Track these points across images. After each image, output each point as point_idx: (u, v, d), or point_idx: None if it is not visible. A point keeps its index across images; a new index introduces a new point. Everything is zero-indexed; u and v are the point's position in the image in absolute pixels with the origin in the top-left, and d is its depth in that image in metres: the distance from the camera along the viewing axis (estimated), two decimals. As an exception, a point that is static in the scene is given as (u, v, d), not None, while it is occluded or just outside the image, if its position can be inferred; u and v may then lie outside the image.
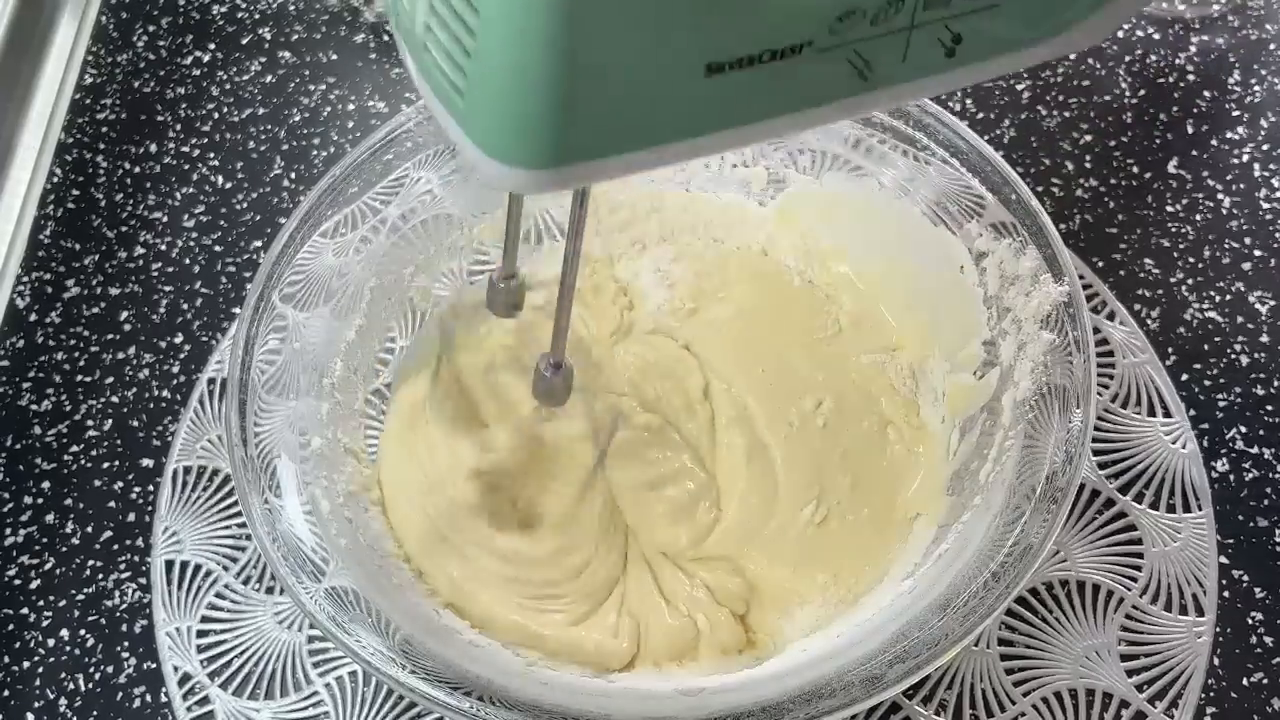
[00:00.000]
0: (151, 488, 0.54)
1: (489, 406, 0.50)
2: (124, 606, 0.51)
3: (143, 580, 0.52)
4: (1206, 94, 0.64)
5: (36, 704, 0.49)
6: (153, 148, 0.65)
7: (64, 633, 0.51)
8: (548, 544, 0.47)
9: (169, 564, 0.50)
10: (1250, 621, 0.49)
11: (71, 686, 0.50)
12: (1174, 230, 0.59)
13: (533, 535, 0.47)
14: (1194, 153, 0.62)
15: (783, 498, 0.49)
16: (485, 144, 0.29)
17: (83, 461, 0.55)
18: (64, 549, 0.53)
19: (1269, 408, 0.54)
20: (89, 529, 0.53)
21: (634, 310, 0.55)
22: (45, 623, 0.51)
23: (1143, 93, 0.64)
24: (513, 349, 0.51)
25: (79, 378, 0.57)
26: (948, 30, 0.31)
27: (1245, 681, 0.48)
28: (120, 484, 0.54)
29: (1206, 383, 0.54)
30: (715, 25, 0.28)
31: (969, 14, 0.31)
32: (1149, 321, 0.56)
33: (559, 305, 0.39)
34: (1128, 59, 0.65)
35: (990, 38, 0.32)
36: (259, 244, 0.61)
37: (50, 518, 0.54)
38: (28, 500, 0.54)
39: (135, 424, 0.56)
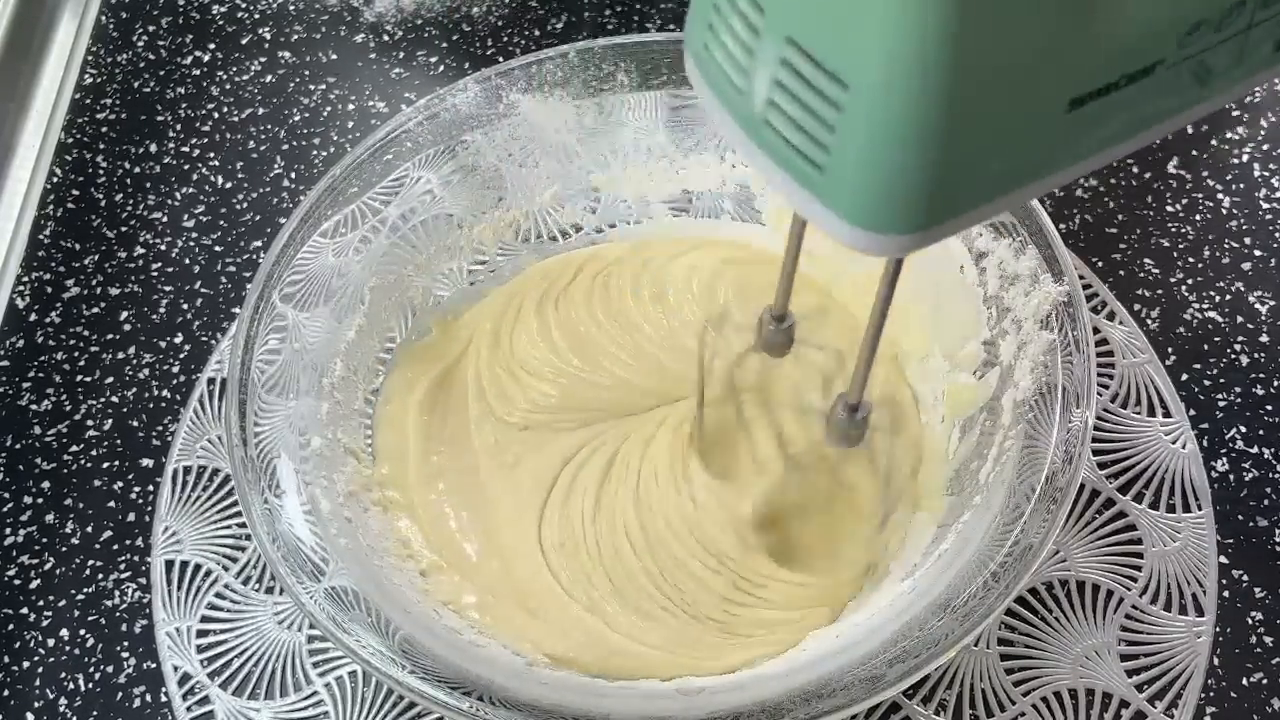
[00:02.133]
0: (151, 487, 0.54)
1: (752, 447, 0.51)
2: (124, 606, 0.51)
3: (142, 580, 0.52)
4: (1206, 94, 0.64)
5: (36, 704, 0.49)
6: (153, 148, 0.65)
7: (64, 632, 0.51)
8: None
9: (169, 564, 0.50)
10: (1250, 621, 0.49)
11: (71, 686, 0.50)
12: (1174, 230, 0.59)
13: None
14: (1194, 152, 0.62)
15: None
16: (853, 215, 0.29)
17: (82, 461, 0.55)
18: (64, 549, 0.53)
19: (1269, 407, 0.54)
20: (89, 529, 0.53)
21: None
22: (45, 622, 0.51)
23: (1143, 93, 0.64)
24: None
25: (79, 378, 0.57)
26: (1279, 25, 0.31)
27: (1245, 681, 0.48)
28: (120, 484, 0.54)
29: (1206, 383, 0.54)
30: (1079, 59, 0.28)
31: None
32: (1149, 321, 0.56)
33: (863, 351, 0.38)
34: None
35: None
36: (259, 244, 0.61)
37: (50, 517, 0.54)
38: (27, 500, 0.54)
39: (135, 424, 0.56)
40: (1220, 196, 0.60)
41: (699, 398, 0.50)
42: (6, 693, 0.50)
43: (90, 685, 0.50)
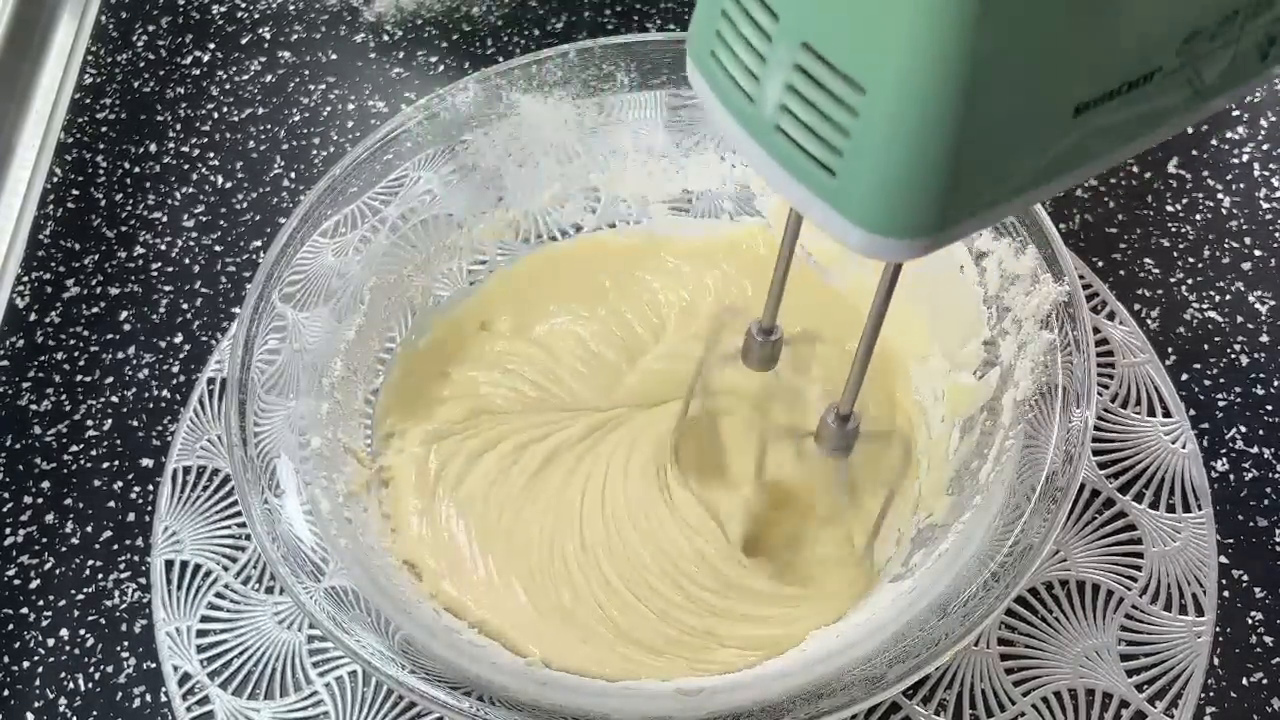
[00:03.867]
0: (151, 487, 0.54)
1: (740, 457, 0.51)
2: (124, 606, 0.51)
3: (142, 580, 0.52)
4: (1206, 94, 0.64)
5: (36, 704, 0.49)
6: (152, 147, 0.65)
7: (64, 632, 0.51)
8: None
9: (169, 564, 0.50)
10: (1250, 621, 0.49)
11: (71, 686, 0.50)
12: (1174, 230, 0.59)
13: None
14: (1194, 152, 0.62)
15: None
16: (865, 220, 0.29)
17: (82, 461, 0.55)
18: (64, 549, 0.53)
19: (1269, 407, 0.54)
20: (89, 529, 0.53)
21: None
22: (45, 622, 0.51)
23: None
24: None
25: (79, 378, 0.57)
26: (1265, 34, 0.31)
27: (1245, 681, 0.48)
28: (120, 484, 0.54)
29: (1206, 382, 0.54)
30: (1085, 65, 0.28)
31: None
32: (1149, 321, 0.56)
33: (856, 360, 0.39)
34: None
35: None
36: (259, 244, 0.61)
37: (50, 517, 0.54)
38: (27, 500, 0.54)
39: (135, 424, 0.56)
40: (1220, 196, 0.60)
41: (683, 410, 0.50)
42: (6, 692, 0.50)
43: (90, 685, 0.50)
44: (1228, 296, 0.57)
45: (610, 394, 0.53)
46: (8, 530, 0.53)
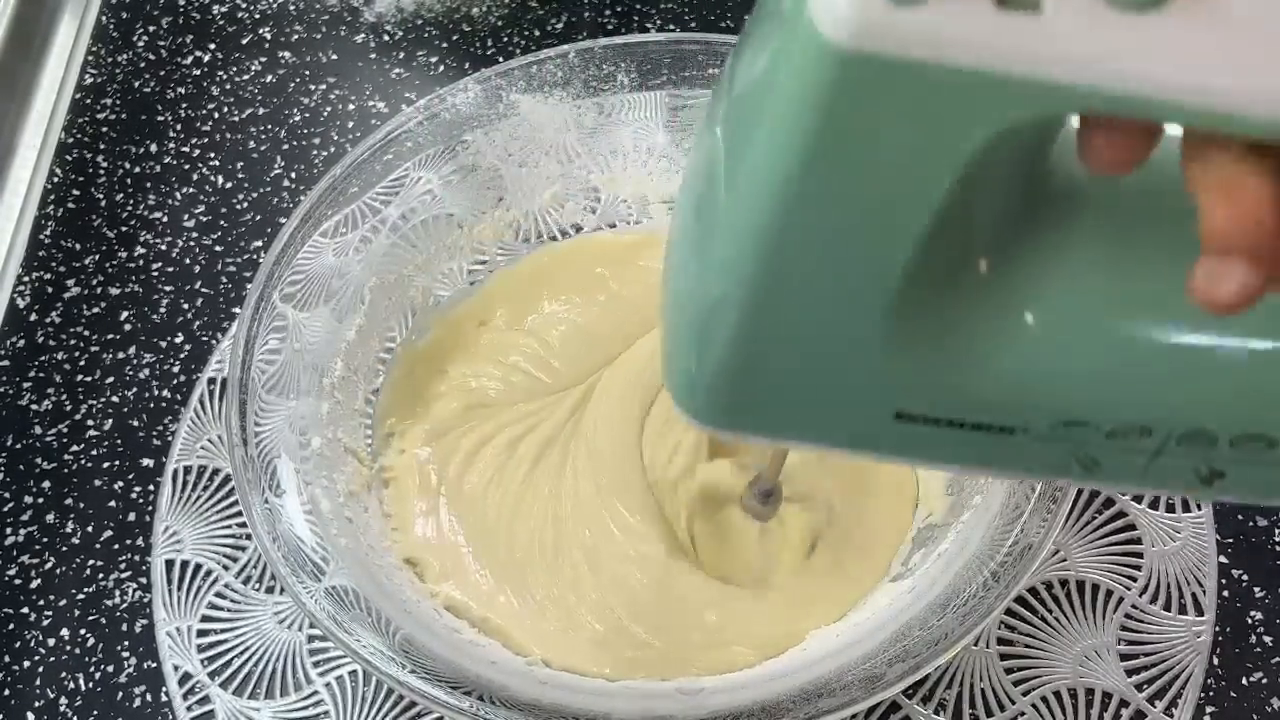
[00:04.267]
0: (152, 487, 0.54)
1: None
2: (124, 606, 0.51)
3: (143, 580, 0.52)
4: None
5: (37, 703, 0.49)
6: (153, 147, 0.65)
7: (64, 632, 0.51)
8: None
9: (169, 563, 0.50)
10: (1250, 621, 0.49)
11: (72, 686, 0.50)
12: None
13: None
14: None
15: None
16: (668, 387, 0.30)
17: (83, 461, 0.55)
18: (64, 548, 0.53)
19: (1268, 407, 0.54)
20: (89, 528, 0.53)
21: None
22: (45, 622, 0.51)
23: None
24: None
25: (79, 377, 0.57)
26: (1206, 467, 0.29)
27: (1245, 681, 0.48)
28: (120, 484, 0.54)
29: (1206, 382, 0.54)
30: (915, 386, 0.27)
31: (1241, 462, 0.28)
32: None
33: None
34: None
35: (1268, 486, 0.30)
36: (259, 244, 0.61)
37: (50, 517, 0.54)
38: (28, 500, 0.54)
39: (135, 424, 0.56)
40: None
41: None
42: (7, 692, 0.50)
43: (91, 685, 0.50)
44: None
45: (601, 370, 0.53)
46: (8, 530, 0.53)
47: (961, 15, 0.21)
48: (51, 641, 0.51)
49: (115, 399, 0.57)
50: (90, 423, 0.56)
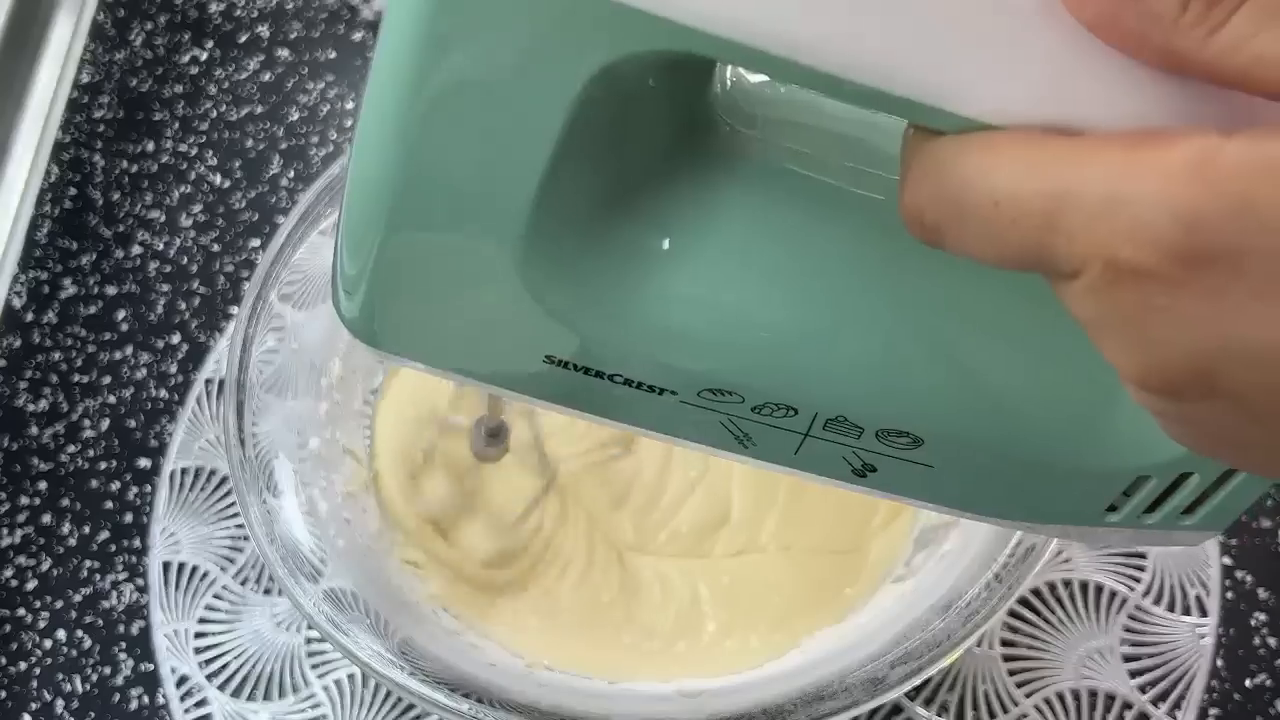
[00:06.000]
0: (149, 488, 0.54)
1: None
2: (121, 608, 0.51)
3: (140, 581, 0.52)
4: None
5: (33, 705, 0.49)
6: (150, 146, 0.65)
7: (61, 634, 0.51)
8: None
9: (166, 565, 0.50)
10: (1253, 623, 0.48)
11: (69, 688, 0.49)
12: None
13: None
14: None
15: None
16: (333, 296, 0.28)
17: (79, 462, 0.55)
18: (61, 550, 0.53)
19: (1272, 407, 0.54)
20: (86, 530, 0.53)
21: None
22: (42, 624, 0.51)
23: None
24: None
25: (75, 378, 0.57)
26: (858, 458, 0.28)
27: (1248, 683, 0.47)
28: (117, 484, 0.54)
29: (1209, 382, 0.54)
30: (558, 329, 0.26)
31: (889, 457, 0.28)
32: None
33: None
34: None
35: (919, 488, 0.29)
36: (257, 243, 0.61)
37: (47, 518, 0.53)
38: (24, 501, 0.54)
39: (132, 424, 0.56)
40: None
41: None
42: (3, 694, 0.49)
43: (87, 687, 0.49)
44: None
45: None
46: (4, 531, 0.53)
47: None
48: (48, 643, 0.51)
49: (112, 399, 0.56)
50: (87, 423, 0.56)
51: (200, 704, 0.47)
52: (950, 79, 0.20)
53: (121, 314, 0.59)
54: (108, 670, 0.50)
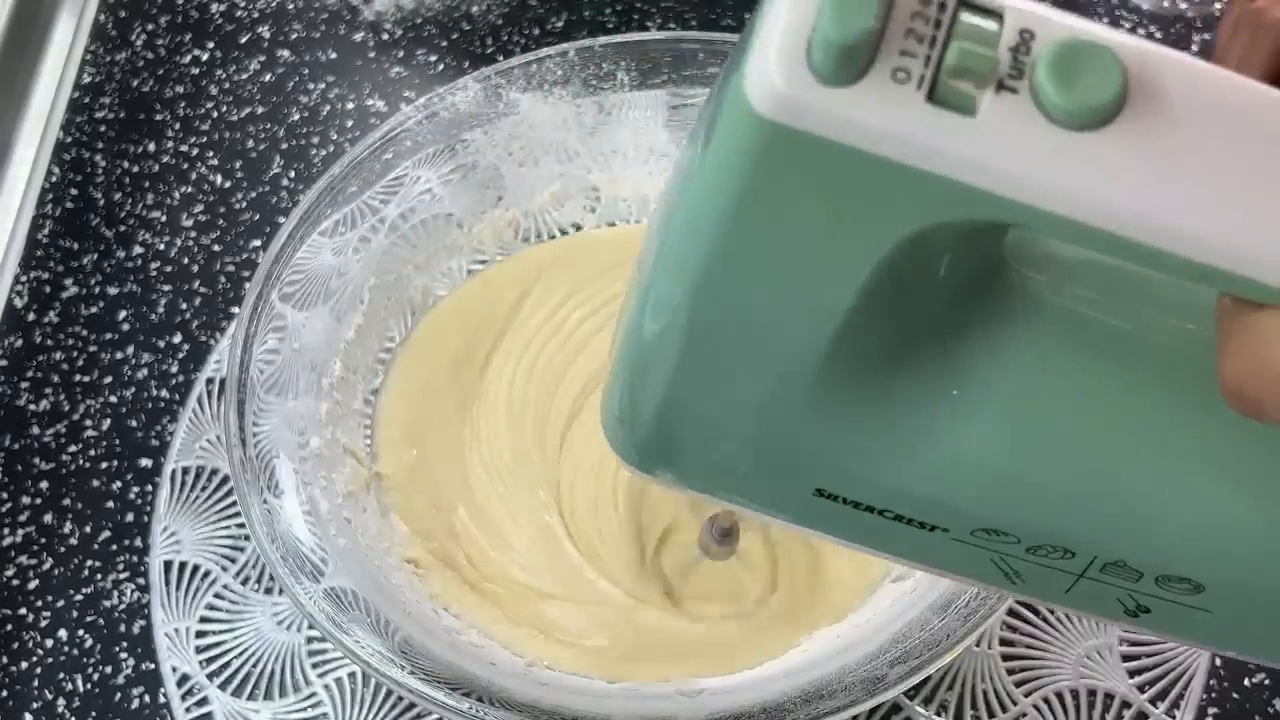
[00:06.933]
0: (150, 488, 0.54)
1: None
2: (122, 607, 0.51)
3: (141, 581, 0.52)
4: (1208, 93, 0.63)
5: (34, 704, 0.49)
6: (151, 147, 0.65)
7: (62, 633, 0.51)
8: None
9: (167, 564, 0.50)
10: (1252, 622, 0.48)
11: (70, 687, 0.50)
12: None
13: None
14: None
15: None
16: (602, 417, 0.29)
17: (81, 461, 0.55)
18: (62, 549, 0.53)
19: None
20: (87, 529, 0.53)
21: None
22: (43, 623, 0.51)
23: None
24: None
25: (77, 377, 0.57)
26: (1133, 600, 0.28)
27: (1247, 682, 0.47)
28: (118, 484, 0.54)
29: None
30: (834, 466, 0.27)
31: (1166, 601, 0.27)
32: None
33: None
34: (1129, 58, 0.65)
35: (1196, 630, 0.28)
36: (258, 243, 0.61)
37: (48, 518, 0.54)
38: (25, 500, 0.54)
39: (133, 424, 0.56)
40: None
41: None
42: (4, 693, 0.50)
43: (89, 686, 0.50)
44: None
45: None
46: (6, 531, 0.53)
47: (890, 104, 0.20)
48: (49, 643, 0.51)
49: (113, 399, 0.56)
50: (88, 423, 0.56)
51: (201, 703, 0.47)
52: (1268, 251, 0.20)
53: (123, 314, 0.59)
54: (109, 669, 0.50)
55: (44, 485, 0.54)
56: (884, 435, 0.26)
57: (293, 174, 0.63)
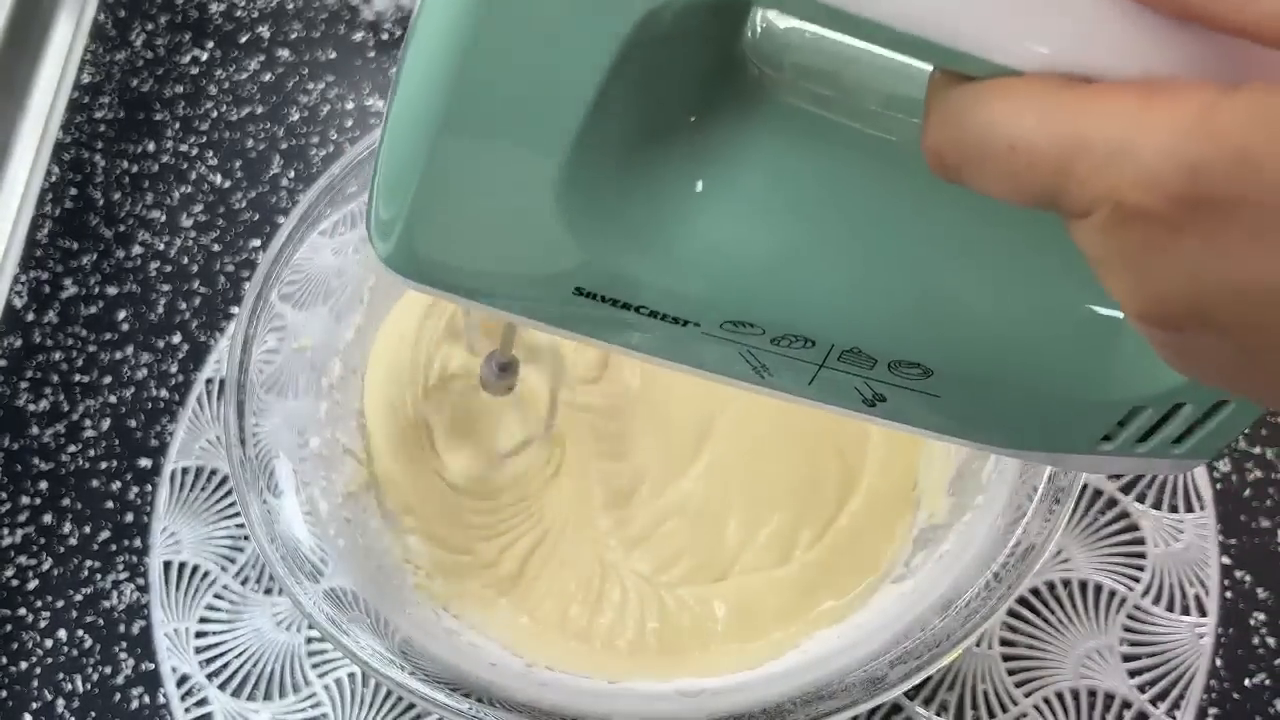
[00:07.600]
0: (149, 488, 0.54)
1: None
2: (122, 607, 0.51)
3: (141, 581, 0.52)
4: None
5: (34, 705, 0.49)
6: (151, 146, 0.65)
7: (61, 633, 0.51)
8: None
9: (167, 565, 0.50)
10: (1252, 622, 0.48)
11: (69, 687, 0.50)
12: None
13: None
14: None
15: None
16: (366, 225, 0.28)
17: (80, 462, 0.55)
18: (62, 549, 0.53)
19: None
20: (87, 529, 0.53)
21: None
22: (43, 623, 0.51)
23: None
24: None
25: (76, 377, 0.57)
26: (869, 388, 0.30)
27: (1247, 683, 0.47)
28: (118, 484, 0.54)
29: (1208, 382, 0.54)
30: (591, 262, 0.27)
31: (899, 388, 0.29)
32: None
33: None
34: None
35: (925, 417, 0.31)
36: (257, 243, 0.61)
37: (48, 518, 0.53)
38: (25, 500, 0.54)
39: (133, 424, 0.56)
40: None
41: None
42: (4, 694, 0.49)
43: (88, 686, 0.49)
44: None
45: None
46: (5, 531, 0.53)
47: None
48: (49, 643, 0.51)
49: (113, 399, 0.56)
50: (88, 423, 0.56)
51: (201, 703, 0.47)
52: (982, 28, 0.21)
53: (122, 314, 0.59)
54: (108, 670, 0.50)
55: (43, 485, 0.54)
56: (635, 229, 0.27)
57: (292, 174, 0.63)
